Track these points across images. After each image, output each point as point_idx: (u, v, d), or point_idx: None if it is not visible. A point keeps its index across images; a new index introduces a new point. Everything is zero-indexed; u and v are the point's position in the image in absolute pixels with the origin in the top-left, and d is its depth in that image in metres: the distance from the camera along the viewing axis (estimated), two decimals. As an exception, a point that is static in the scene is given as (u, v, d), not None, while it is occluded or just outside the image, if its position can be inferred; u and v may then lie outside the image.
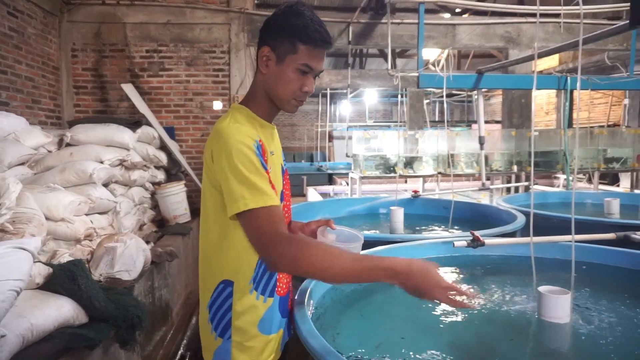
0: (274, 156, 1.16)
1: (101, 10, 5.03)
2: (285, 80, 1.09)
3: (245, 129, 1.05)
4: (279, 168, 1.18)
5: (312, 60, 1.08)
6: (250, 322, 1.11)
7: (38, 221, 2.09)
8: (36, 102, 4.33)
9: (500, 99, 13.63)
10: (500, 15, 5.95)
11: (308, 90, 1.11)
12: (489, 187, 3.99)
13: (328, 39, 1.09)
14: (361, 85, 7.99)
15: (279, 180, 1.15)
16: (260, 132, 1.12)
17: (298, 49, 1.07)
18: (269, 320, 1.14)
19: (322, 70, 1.14)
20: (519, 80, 3.66)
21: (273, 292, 1.15)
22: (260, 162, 1.03)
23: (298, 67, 1.08)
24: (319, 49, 1.09)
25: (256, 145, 1.04)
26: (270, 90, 1.12)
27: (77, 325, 1.72)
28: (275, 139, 1.22)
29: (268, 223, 0.99)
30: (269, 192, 1.01)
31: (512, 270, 2.02)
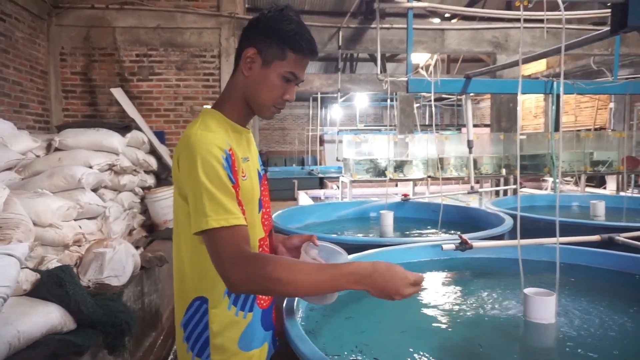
0: (249, 162, 1.10)
1: (90, 14, 5.01)
2: (269, 86, 1.05)
3: (215, 138, 0.99)
4: (255, 174, 1.12)
5: (298, 68, 1.06)
6: (230, 340, 1.06)
7: (25, 227, 2.07)
8: (24, 106, 4.29)
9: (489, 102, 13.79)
10: (488, 20, 6.04)
11: (289, 99, 1.08)
12: (478, 190, 4.03)
13: (315, 49, 1.08)
14: (352, 89, 8.04)
15: (256, 188, 1.10)
16: (233, 139, 1.06)
17: (287, 56, 1.04)
18: (250, 335, 1.08)
19: (303, 79, 1.11)
20: (505, 85, 3.71)
21: (253, 305, 1.09)
22: (228, 175, 0.97)
23: (283, 75, 1.05)
24: (306, 59, 1.07)
25: (225, 157, 0.97)
26: (250, 94, 1.08)
27: (65, 332, 1.70)
28: (250, 144, 1.17)
29: (229, 243, 0.94)
30: (233, 210, 0.96)
31: (500, 272, 2.05)
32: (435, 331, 1.42)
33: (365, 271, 0.94)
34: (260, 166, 1.19)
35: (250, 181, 1.07)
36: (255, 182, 1.11)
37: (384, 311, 1.66)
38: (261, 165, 1.21)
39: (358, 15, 5.82)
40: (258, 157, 1.20)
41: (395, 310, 1.68)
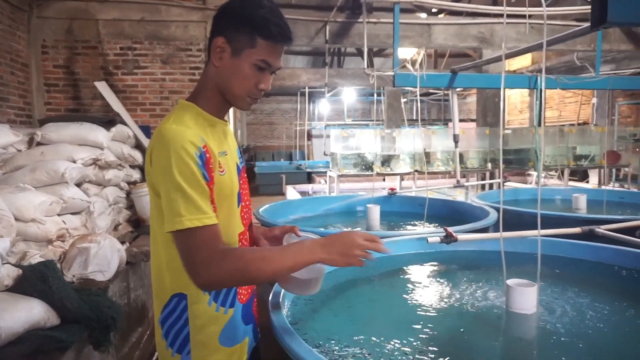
0: (227, 156, 1.07)
1: (72, 5, 4.91)
2: (241, 76, 1.01)
3: (189, 134, 0.96)
4: (234, 168, 1.10)
5: (271, 56, 1.01)
6: (210, 336, 1.05)
7: (7, 222, 2.04)
8: (4, 99, 4.20)
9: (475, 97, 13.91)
10: (474, 15, 6.08)
11: (264, 88, 1.05)
12: (464, 184, 4.08)
13: (289, 34, 1.03)
14: (339, 84, 8.04)
15: (234, 181, 1.08)
16: (209, 133, 1.04)
17: (257, 44, 0.99)
18: (231, 331, 1.08)
19: (280, 67, 1.06)
20: (490, 80, 3.75)
21: (234, 301, 1.09)
22: (202, 174, 0.95)
23: (255, 63, 1.01)
24: (279, 45, 1.02)
25: (199, 154, 0.95)
26: (223, 86, 1.04)
27: (49, 327, 1.69)
28: (228, 137, 1.14)
29: (204, 243, 0.94)
30: (206, 209, 0.95)
31: (484, 264, 2.08)
32: (420, 321, 1.44)
33: (323, 239, 1.02)
34: (239, 159, 1.16)
35: (229, 175, 1.05)
36: (235, 176, 1.09)
37: (370, 304, 1.68)
38: (240, 158, 1.17)
39: (345, 10, 5.81)
40: (237, 150, 1.17)
41: (381, 302, 1.69)
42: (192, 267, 0.94)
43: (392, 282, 1.89)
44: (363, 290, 1.80)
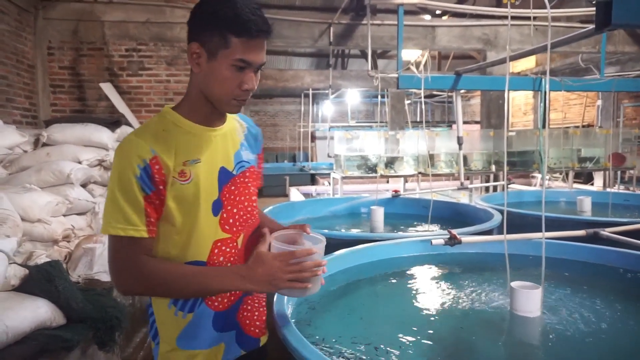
0: (200, 164, 1.03)
1: (78, 7, 4.94)
2: (220, 79, 0.97)
3: (139, 146, 0.96)
4: (211, 175, 1.06)
5: (249, 53, 0.95)
6: (168, 336, 1.08)
7: (13, 222, 2.06)
8: (10, 100, 4.23)
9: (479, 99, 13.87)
10: (478, 17, 6.07)
11: (248, 88, 0.99)
12: (468, 186, 4.07)
13: (265, 27, 0.96)
14: (343, 85, 8.04)
15: (208, 189, 1.04)
16: (180, 141, 1.02)
17: (230, 43, 0.94)
18: (190, 335, 1.07)
19: (263, 62, 1.00)
20: (494, 82, 3.75)
21: (194, 308, 1.07)
22: (141, 186, 0.96)
23: (233, 64, 0.95)
24: (256, 40, 0.96)
25: (143, 167, 0.95)
26: (206, 91, 1.01)
27: (55, 327, 1.70)
28: (212, 145, 1.07)
29: (120, 252, 0.97)
30: (134, 220, 0.96)
31: (488, 267, 2.08)
32: (424, 323, 1.45)
33: (243, 269, 0.99)
34: (235, 165, 1.11)
35: (195, 184, 1.02)
36: (209, 184, 1.05)
37: (375, 305, 1.68)
38: (240, 163, 1.13)
39: (349, 11, 5.82)
40: (234, 156, 1.12)
41: (385, 303, 1.70)
42: (110, 271, 0.99)
43: (396, 284, 1.89)
44: (367, 291, 1.81)
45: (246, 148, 1.17)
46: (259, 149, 1.25)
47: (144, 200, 0.97)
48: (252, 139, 1.21)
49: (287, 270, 0.96)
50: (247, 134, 1.20)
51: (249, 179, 1.16)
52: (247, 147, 1.18)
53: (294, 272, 0.96)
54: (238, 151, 1.14)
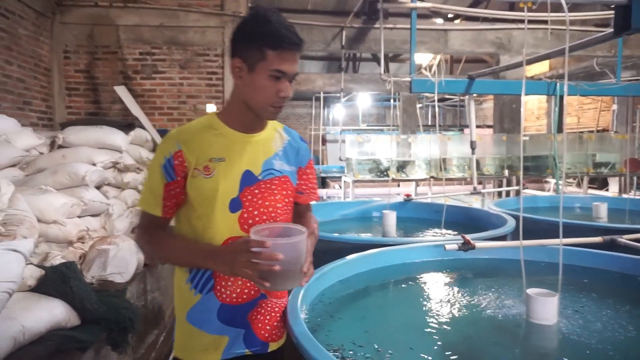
0: (225, 163, 1.15)
1: (94, 12, 5.02)
2: (259, 88, 1.10)
3: (169, 141, 1.15)
4: (234, 175, 1.16)
5: (283, 64, 1.08)
6: (182, 306, 1.21)
7: (29, 223, 2.09)
8: (27, 103, 4.30)
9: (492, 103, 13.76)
10: (491, 21, 6.03)
11: (284, 95, 1.12)
12: (481, 191, 4.03)
13: (296, 40, 1.09)
14: (354, 89, 8.04)
15: (226, 187, 1.15)
16: (211, 141, 1.16)
17: (267, 56, 1.07)
18: (197, 314, 1.19)
19: (296, 72, 1.13)
20: (509, 86, 3.71)
21: (204, 290, 1.17)
22: (162, 173, 1.13)
23: (270, 74, 1.08)
24: (288, 52, 1.09)
25: (168, 158, 1.13)
26: (247, 100, 1.14)
27: (70, 328, 1.72)
28: (240, 148, 1.18)
29: (140, 221, 1.21)
30: (149, 199, 1.16)
31: (502, 273, 2.05)
32: (438, 329, 1.43)
33: (215, 249, 1.12)
34: (262, 171, 1.20)
35: (215, 180, 1.13)
36: (230, 182, 1.15)
37: (387, 310, 1.67)
38: (267, 170, 1.20)
39: (361, 15, 5.83)
40: (263, 162, 1.20)
41: (397, 309, 1.68)
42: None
43: (409, 289, 1.88)
44: (379, 297, 1.80)
45: (281, 158, 1.24)
46: (301, 163, 1.31)
47: (164, 187, 1.14)
48: (293, 153, 1.28)
49: (244, 257, 1.02)
50: (286, 146, 1.27)
51: (277, 187, 1.22)
52: (283, 158, 1.25)
53: (249, 260, 1.01)
54: (269, 159, 1.22)
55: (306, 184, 1.34)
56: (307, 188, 1.35)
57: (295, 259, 1.02)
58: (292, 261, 1.01)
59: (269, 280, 1.01)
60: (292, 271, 1.02)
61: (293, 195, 1.30)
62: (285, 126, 1.34)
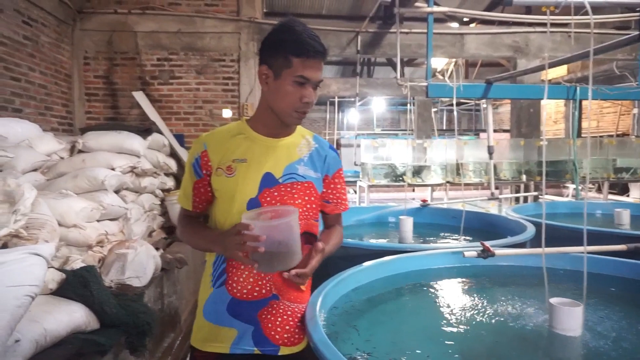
0: (247, 164, 1.22)
1: (113, 18, 5.11)
2: (284, 94, 1.15)
3: (199, 141, 1.26)
4: (254, 176, 1.22)
5: (307, 70, 1.13)
6: (202, 297, 1.29)
7: (51, 227, 2.12)
8: (49, 109, 4.39)
9: (508, 107, 13.60)
10: (508, 24, 5.97)
11: (308, 101, 1.16)
12: (498, 196, 3.98)
13: (320, 48, 1.14)
14: (369, 93, 8.03)
15: (247, 187, 1.21)
16: (238, 144, 1.24)
17: (292, 63, 1.13)
18: (212, 306, 1.26)
19: (320, 80, 1.18)
20: (528, 90, 3.66)
21: (217, 284, 1.25)
22: (193, 171, 1.25)
23: (294, 80, 1.14)
24: (313, 60, 1.14)
25: (196, 157, 1.24)
26: (273, 105, 1.20)
27: (89, 331, 1.73)
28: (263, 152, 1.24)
29: (179, 214, 1.36)
30: (182, 196, 1.31)
31: (522, 281, 2.01)
32: (457, 338, 1.41)
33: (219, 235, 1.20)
34: (283, 175, 1.23)
35: (235, 180, 1.21)
36: (250, 183, 1.21)
37: (405, 317, 1.65)
38: (289, 174, 1.24)
39: (376, 20, 5.82)
40: (285, 166, 1.24)
41: (415, 316, 1.66)
42: None
43: (427, 296, 1.85)
44: (398, 304, 1.77)
45: (306, 164, 1.27)
46: (328, 171, 1.33)
47: (193, 184, 1.27)
48: (319, 160, 1.30)
49: (233, 240, 1.09)
50: (312, 153, 1.30)
51: (298, 191, 1.25)
52: (308, 164, 1.28)
53: (237, 242, 1.08)
54: (292, 164, 1.26)
55: (333, 193, 1.35)
56: (335, 197, 1.36)
57: (281, 240, 1.08)
58: (279, 242, 1.07)
59: (258, 261, 1.08)
60: (280, 253, 1.09)
61: (318, 203, 1.31)
62: (316, 134, 1.37)
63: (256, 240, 1.05)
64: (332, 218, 1.41)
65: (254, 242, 1.05)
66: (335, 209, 1.38)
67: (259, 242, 1.05)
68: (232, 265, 1.23)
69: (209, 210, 1.32)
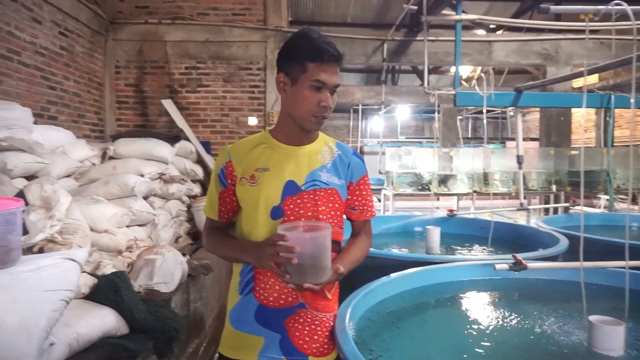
0: (269, 173, 1.23)
1: (144, 29, 5.25)
2: (301, 99, 1.17)
3: (224, 152, 1.29)
4: (275, 184, 1.23)
5: (322, 75, 1.15)
6: (228, 306, 1.31)
7: (83, 232, 2.17)
8: (82, 116, 4.53)
9: (535, 115, 13.31)
10: (537, 31, 5.86)
11: (326, 105, 1.17)
12: (528, 207, 3.88)
13: (335, 52, 1.15)
14: (393, 101, 7.98)
15: (271, 195, 1.22)
16: (261, 153, 1.25)
17: (308, 68, 1.15)
18: (238, 313, 1.27)
19: (337, 84, 1.18)
20: (559, 99, 3.57)
21: (244, 291, 1.26)
22: (218, 181, 1.28)
23: (311, 85, 1.15)
24: (328, 64, 1.15)
25: (221, 167, 1.27)
26: (291, 112, 1.21)
27: (118, 336, 1.76)
28: (285, 160, 1.25)
29: (205, 224, 1.37)
30: (208, 206, 1.33)
31: (555, 296, 1.95)
32: (489, 354, 1.36)
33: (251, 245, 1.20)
34: (306, 182, 1.23)
35: (258, 188, 1.22)
36: (273, 191, 1.22)
37: (434, 330, 1.62)
38: (312, 181, 1.24)
39: (401, 28, 5.80)
40: (308, 174, 1.24)
41: (444, 328, 1.62)
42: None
43: (457, 309, 1.81)
44: (426, 316, 1.74)
45: (329, 171, 1.27)
46: (352, 178, 1.32)
47: (219, 194, 1.29)
48: (342, 166, 1.30)
49: (268, 250, 1.10)
50: (335, 160, 1.29)
51: (321, 198, 1.24)
52: (332, 170, 1.27)
53: (271, 253, 1.09)
54: (315, 171, 1.25)
55: (358, 200, 1.34)
56: (360, 204, 1.34)
57: (313, 253, 1.07)
58: (311, 255, 1.07)
59: (290, 272, 1.08)
60: (312, 265, 1.07)
61: (343, 210, 1.30)
62: (339, 142, 1.37)
63: (290, 252, 1.05)
64: (358, 225, 1.40)
65: (288, 254, 1.05)
66: (361, 216, 1.36)
67: (293, 253, 1.05)
68: (259, 272, 1.24)
69: (235, 220, 1.34)
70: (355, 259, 1.31)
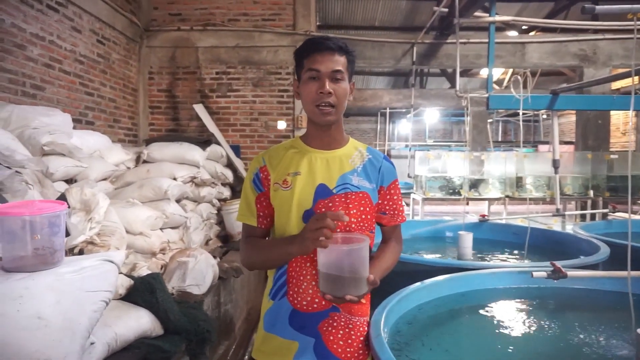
0: (301, 177, 1.24)
1: (176, 35, 5.37)
2: (305, 94, 1.22)
3: (259, 157, 1.32)
4: (307, 188, 1.24)
5: (315, 63, 1.19)
6: (262, 311, 1.31)
7: (120, 234, 2.23)
8: (117, 121, 4.67)
9: (570, 118, 12.91)
10: (573, 32, 5.68)
11: (323, 91, 1.18)
12: (564, 213, 3.75)
13: (321, 40, 1.20)
14: (422, 104, 7.88)
15: (303, 199, 1.22)
16: (291, 157, 1.28)
17: (304, 64, 1.22)
18: (271, 318, 1.28)
19: (334, 69, 1.19)
20: (597, 101, 3.44)
21: (278, 296, 1.27)
22: (252, 186, 1.29)
23: (308, 77, 1.20)
24: (320, 53, 1.19)
25: (255, 172, 1.29)
26: (305, 111, 1.26)
27: (154, 337, 1.79)
28: (315, 164, 1.26)
29: (242, 233, 1.35)
30: (245, 212, 1.31)
31: (595, 306, 1.87)
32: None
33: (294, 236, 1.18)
34: (337, 185, 1.24)
35: (292, 192, 1.23)
36: (305, 195, 1.23)
37: (469, 338, 1.58)
38: (343, 185, 1.24)
39: (430, 31, 5.73)
40: (338, 177, 1.25)
41: (480, 337, 1.58)
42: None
43: (491, 317, 1.77)
44: (461, 324, 1.70)
45: (360, 175, 1.27)
46: (383, 182, 1.32)
47: (256, 198, 1.29)
48: (373, 170, 1.30)
49: (312, 227, 1.08)
50: (366, 163, 1.30)
51: (352, 202, 1.24)
52: (362, 174, 1.28)
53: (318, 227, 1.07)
54: (345, 174, 1.26)
55: (389, 204, 1.33)
56: (391, 209, 1.34)
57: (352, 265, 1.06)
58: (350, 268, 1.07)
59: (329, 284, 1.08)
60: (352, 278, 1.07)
61: (373, 214, 1.29)
62: (369, 146, 1.37)
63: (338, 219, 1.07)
64: (389, 230, 1.39)
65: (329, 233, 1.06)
66: (392, 220, 1.35)
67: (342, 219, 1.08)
68: (292, 277, 1.24)
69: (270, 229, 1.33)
70: (386, 267, 1.31)
